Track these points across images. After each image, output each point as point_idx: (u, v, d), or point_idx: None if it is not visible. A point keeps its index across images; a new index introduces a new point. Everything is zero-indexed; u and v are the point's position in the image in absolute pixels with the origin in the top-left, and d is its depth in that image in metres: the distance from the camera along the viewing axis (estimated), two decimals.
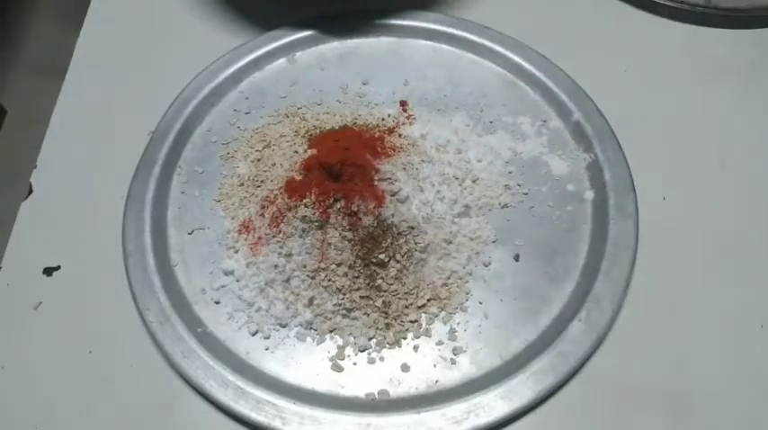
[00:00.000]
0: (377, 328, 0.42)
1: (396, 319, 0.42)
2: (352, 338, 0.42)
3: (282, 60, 0.55)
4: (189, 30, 0.57)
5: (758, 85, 0.53)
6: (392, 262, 0.42)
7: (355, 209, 0.41)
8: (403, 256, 0.42)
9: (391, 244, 0.42)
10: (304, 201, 0.42)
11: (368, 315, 0.42)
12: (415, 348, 0.42)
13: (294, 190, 0.43)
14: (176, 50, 0.56)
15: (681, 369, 0.41)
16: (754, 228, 0.46)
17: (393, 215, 0.42)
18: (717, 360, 0.41)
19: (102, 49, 0.56)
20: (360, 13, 0.56)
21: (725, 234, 0.46)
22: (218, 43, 0.54)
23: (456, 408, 0.38)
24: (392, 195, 0.42)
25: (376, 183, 0.43)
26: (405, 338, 0.42)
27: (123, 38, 0.57)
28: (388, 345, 0.41)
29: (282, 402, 0.39)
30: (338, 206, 0.41)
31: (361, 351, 0.41)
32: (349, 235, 0.42)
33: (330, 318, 0.42)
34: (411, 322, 0.42)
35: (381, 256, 0.42)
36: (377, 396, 0.40)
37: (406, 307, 0.42)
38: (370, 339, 0.42)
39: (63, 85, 0.54)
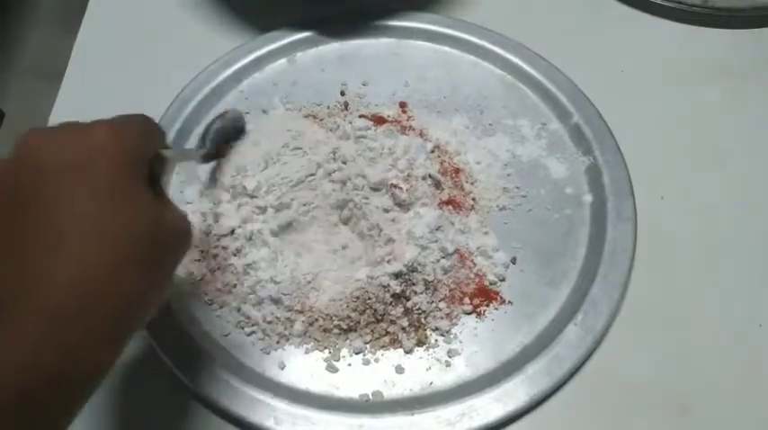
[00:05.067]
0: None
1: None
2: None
3: (282, 61, 0.55)
4: (188, 30, 0.57)
5: (756, 86, 0.53)
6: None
7: None
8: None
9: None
10: None
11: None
12: (410, 350, 0.41)
13: None
14: (175, 51, 0.56)
15: (678, 372, 0.41)
16: (752, 229, 0.46)
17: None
18: (715, 363, 0.41)
19: (100, 51, 0.56)
20: (360, 15, 0.56)
21: (724, 237, 0.46)
22: (217, 44, 0.54)
23: (450, 410, 0.38)
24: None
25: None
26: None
27: (121, 39, 0.57)
28: (383, 347, 0.41)
29: (276, 402, 0.38)
30: None
31: (357, 352, 0.41)
32: None
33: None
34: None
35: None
36: (371, 397, 0.40)
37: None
38: (366, 342, 0.41)
39: (61, 87, 0.53)
